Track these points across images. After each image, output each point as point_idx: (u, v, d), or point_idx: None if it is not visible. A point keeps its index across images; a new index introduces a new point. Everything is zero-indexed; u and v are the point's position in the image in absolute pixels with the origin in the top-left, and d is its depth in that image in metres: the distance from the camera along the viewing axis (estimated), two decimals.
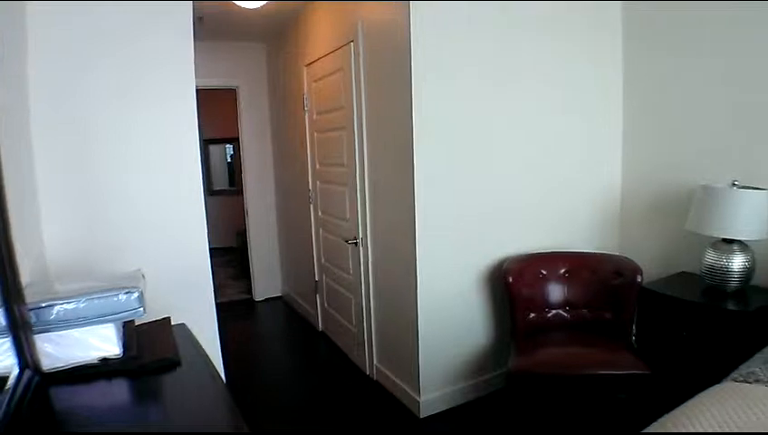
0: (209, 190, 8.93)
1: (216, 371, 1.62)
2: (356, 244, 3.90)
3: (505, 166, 3.49)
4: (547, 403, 3.09)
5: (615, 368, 2.83)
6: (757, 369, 1.94)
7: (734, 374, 1.95)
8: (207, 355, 1.71)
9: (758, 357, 2.07)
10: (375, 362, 3.91)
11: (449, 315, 3.41)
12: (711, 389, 1.85)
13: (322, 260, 4.76)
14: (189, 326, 1.96)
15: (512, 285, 3.24)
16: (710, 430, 1.53)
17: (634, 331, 3.33)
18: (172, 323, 1.94)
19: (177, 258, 2.54)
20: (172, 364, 1.60)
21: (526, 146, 3.56)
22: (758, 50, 3.14)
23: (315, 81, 4.47)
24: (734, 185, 3.03)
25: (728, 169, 3.21)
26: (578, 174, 3.79)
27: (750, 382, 1.85)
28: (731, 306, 2.96)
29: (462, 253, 3.40)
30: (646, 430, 1.63)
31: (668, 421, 1.64)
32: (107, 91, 2.33)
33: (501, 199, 3.50)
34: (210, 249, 2.69)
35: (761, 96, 3.16)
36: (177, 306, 2.09)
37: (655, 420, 1.69)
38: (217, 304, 2.72)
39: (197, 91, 2.52)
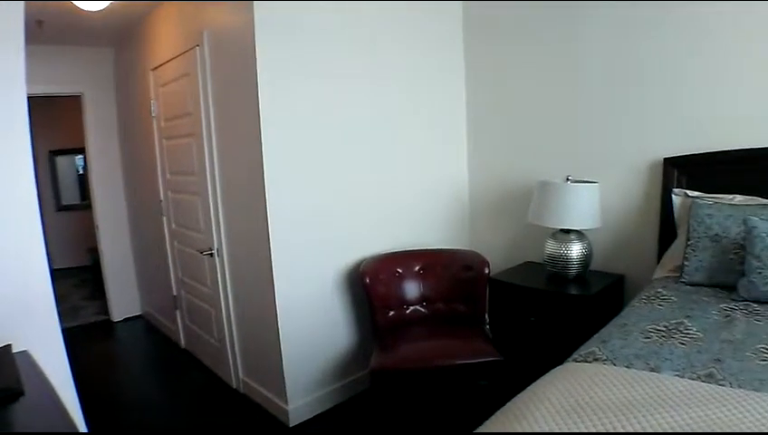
0: (57, 206, 8.25)
1: (60, 400, 1.55)
2: (212, 255, 3.78)
3: (358, 168, 3.52)
4: (412, 397, 3.17)
5: (471, 357, 2.94)
6: (596, 348, 2.06)
7: (575, 355, 2.06)
8: (51, 384, 1.63)
9: (596, 337, 2.20)
10: (241, 374, 3.82)
11: (311, 320, 3.39)
12: (554, 370, 1.94)
13: (179, 274, 4.57)
14: (33, 353, 1.86)
15: (369, 286, 3.29)
16: (551, 409, 1.60)
17: (487, 320, 3.49)
18: (13, 350, 1.81)
19: (14, 284, 2.33)
20: (14, 394, 1.52)
21: (377, 148, 3.62)
22: (587, 52, 3.42)
23: (162, 85, 4.28)
24: (567, 179, 3.26)
25: (564, 165, 3.46)
26: (428, 174, 3.92)
27: (589, 361, 1.97)
28: (573, 291, 3.18)
29: (319, 257, 3.39)
30: (495, 415, 1.69)
31: (514, 405, 1.71)
32: None
33: (356, 202, 3.53)
34: (62, 269, 2.50)
35: (589, 96, 3.44)
36: (18, 334, 1.96)
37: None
38: (72, 328, 2.54)
39: (39, 98, 2.31)
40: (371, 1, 3.49)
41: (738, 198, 2.84)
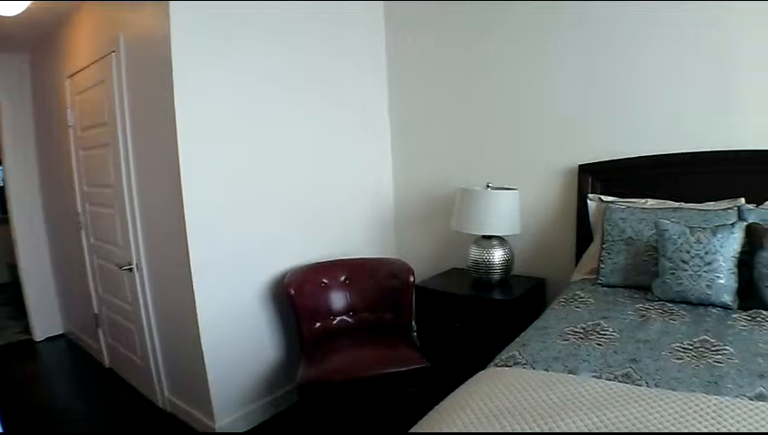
0: None
1: None
2: (131, 270, 3.56)
3: (279, 177, 3.39)
4: (341, 409, 3.06)
5: (398, 365, 2.88)
6: (516, 353, 2.03)
7: (497, 360, 2.02)
8: None
9: (517, 341, 2.18)
10: (167, 393, 3.60)
11: (236, 334, 3.24)
12: (476, 376, 1.90)
13: (100, 290, 4.31)
14: None
15: (294, 297, 3.17)
16: (472, 415, 1.56)
17: (415, 328, 3.43)
18: None
19: None
20: None
21: (299, 156, 3.50)
22: (505, 60, 3.44)
23: (78, 93, 4.04)
24: (488, 186, 3.26)
25: (485, 172, 3.46)
26: (353, 182, 3.84)
27: (510, 366, 1.93)
28: (496, 296, 3.17)
29: (242, 269, 3.24)
30: (419, 423, 1.65)
31: (437, 412, 1.67)
32: None
33: (279, 212, 3.40)
34: None
35: (508, 104, 3.46)
36: None
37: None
38: None
39: None
40: (292, 1, 3.37)
41: (650, 202, 2.90)
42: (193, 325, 3.08)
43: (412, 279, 3.26)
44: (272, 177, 3.35)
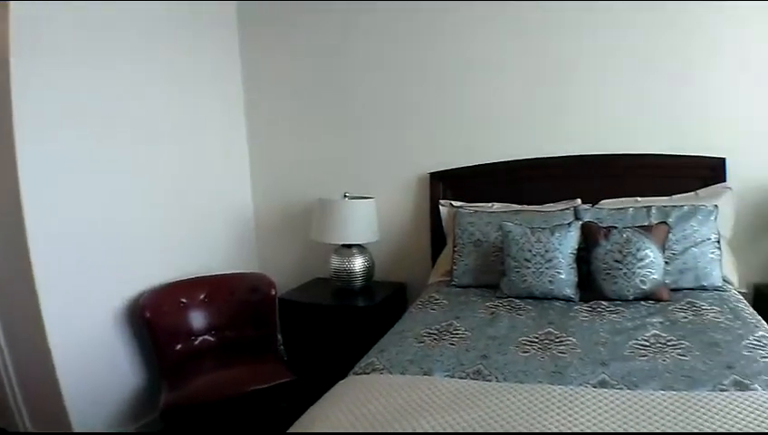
0: None
1: None
2: None
3: (137, 194, 3.13)
4: (210, 431, 2.89)
5: (264, 381, 2.76)
6: (374, 359, 2.01)
7: (356, 368, 2.00)
8: None
9: (376, 347, 2.17)
10: (28, 425, 3.20)
11: (94, 360, 2.92)
12: (336, 386, 1.87)
13: None
14: None
15: (151, 320, 2.94)
16: (330, 426, 1.54)
17: (280, 341, 3.34)
18: None
19: None
20: None
21: (156, 172, 3.24)
22: (357, 70, 3.47)
23: None
24: (345, 196, 3.24)
25: (343, 181, 3.44)
26: (211, 198, 3.62)
27: (368, 373, 1.91)
28: (359, 303, 3.18)
29: (96, 291, 2.93)
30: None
31: (300, 425, 1.63)
32: None
33: (135, 229, 3.11)
34: None
35: (361, 113, 3.48)
36: None
37: None
38: None
39: None
40: (144, 1, 3.12)
41: (496, 206, 3.03)
42: (46, 353, 2.76)
43: (273, 292, 3.16)
44: (125, 192, 3.07)
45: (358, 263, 3.22)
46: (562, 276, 2.49)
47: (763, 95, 2.85)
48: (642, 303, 2.38)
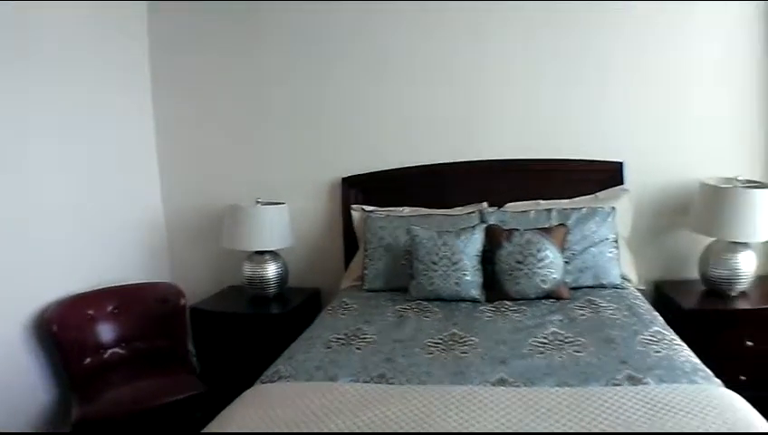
0: None
1: None
2: None
3: (44, 199, 2.94)
4: None
5: (175, 393, 2.69)
6: (281, 366, 2.00)
7: (263, 376, 1.98)
8: None
9: (284, 354, 2.15)
10: None
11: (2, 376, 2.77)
12: (241, 395, 1.85)
13: None
14: None
15: (57, 334, 2.79)
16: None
17: (193, 352, 3.24)
18: None
19: None
20: None
21: (59, 174, 3.03)
22: (269, 75, 3.42)
23: None
24: (257, 202, 3.19)
25: (254, 187, 3.38)
26: (120, 204, 3.47)
27: (275, 380, 1.89)
28: (273, 310, 3.15)
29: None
30: None
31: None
32: None
33: (40, 237, 2.92)
34: None
35: (273, 118, 3.44)
36: None
37: None
38: None
39: None
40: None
41: (407, 210, 3.08)
42: None
43: (183, 302, 3.07)
44: (26, 195, 2.88)
45: (271, 269, 3.18)
46: (468, 278, 2.55)
47: (657, 102, 3.03)
48: (544, 301, 2.48)
